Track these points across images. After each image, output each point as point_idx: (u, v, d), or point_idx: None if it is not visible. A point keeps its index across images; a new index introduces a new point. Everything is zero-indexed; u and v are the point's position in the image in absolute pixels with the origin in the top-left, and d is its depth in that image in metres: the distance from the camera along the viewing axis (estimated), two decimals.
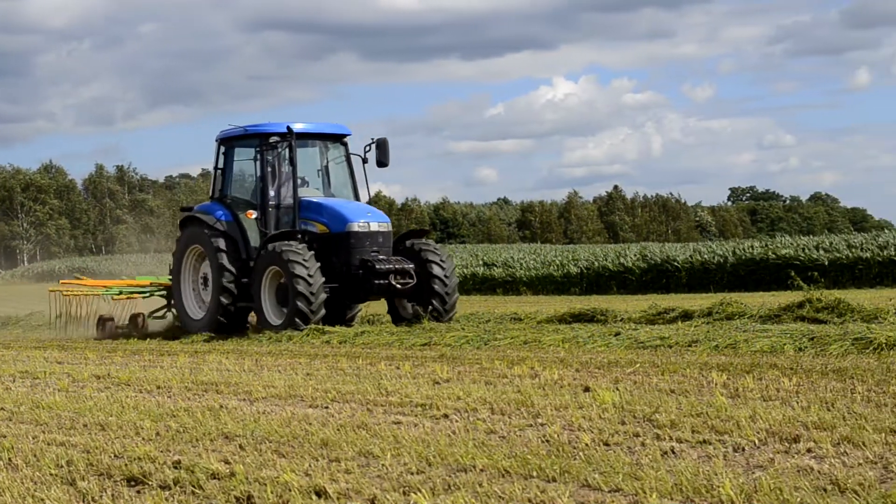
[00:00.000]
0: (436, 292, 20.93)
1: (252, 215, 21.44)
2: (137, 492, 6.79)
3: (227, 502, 6.41)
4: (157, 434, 8.71)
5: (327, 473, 6.83)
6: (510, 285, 48.65)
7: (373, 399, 10.21)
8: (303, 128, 21.82)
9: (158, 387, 12.22)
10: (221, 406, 10.21)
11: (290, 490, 6.43)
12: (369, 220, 21.25)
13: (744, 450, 7.05)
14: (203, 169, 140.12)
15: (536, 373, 11.68)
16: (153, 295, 24.54)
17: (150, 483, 6.92)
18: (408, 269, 20.93)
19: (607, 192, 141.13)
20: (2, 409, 10.91)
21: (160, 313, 24.19)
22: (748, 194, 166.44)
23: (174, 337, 21.86)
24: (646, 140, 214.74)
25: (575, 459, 6.90)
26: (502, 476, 6.57)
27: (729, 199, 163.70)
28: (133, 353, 18.06)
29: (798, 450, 6.92)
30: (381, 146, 22.10)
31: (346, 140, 22.57)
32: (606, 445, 7.39)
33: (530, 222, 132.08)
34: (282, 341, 18.99)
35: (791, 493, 5.77)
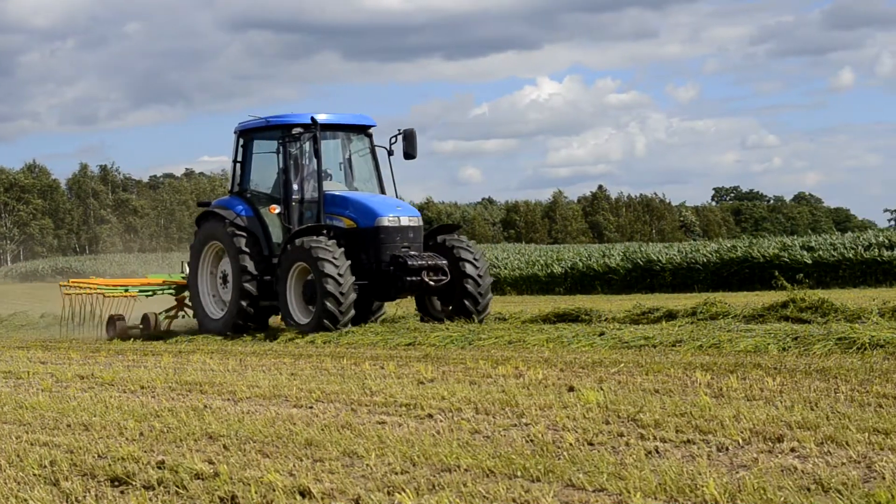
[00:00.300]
0: (468, 292, 20.17)
1: (275, 210, 20.64)
2: (121, 492, 6.78)
3: (210, 502, 6.40)
4: (141, 434, 8.69)
5: (311, 473, 6.82)
6: (494, 285, 48.26)
7: (357, 399, 10.20)
8: (326, 119, 21.03)
9: (142, 387, 12.20)
10: (205, 406, 10.19)
11: (274, 490, 6.42)
12: (399, 214, 20.42)
13: (727, 449, 7.06)
14: (187, 169, 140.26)
15: (521, 373, 11.69)
16: (165, 293, 23.82)
17: (133, 483, 6.91)
18: (441, 265, 20.10)
19: (592, 192, 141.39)
20: None
21: (172, 312, 23.51)
22: (732, 194, 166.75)
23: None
24: (630, 140, 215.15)
25: (559, 459, 6.90)
26: (487, 476, 6.57)
27: (713, 199, 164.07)
28: (117, 353, 18.02)
29: (782, 449, 6.94)
30: (409, 137, 21.33)
31: (370, 131, 21.78)
32: (591, 445, 7.40)
33: (515, 222, 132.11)
34: (264, 341, 18.97)
35: (775, 492, 5.78)
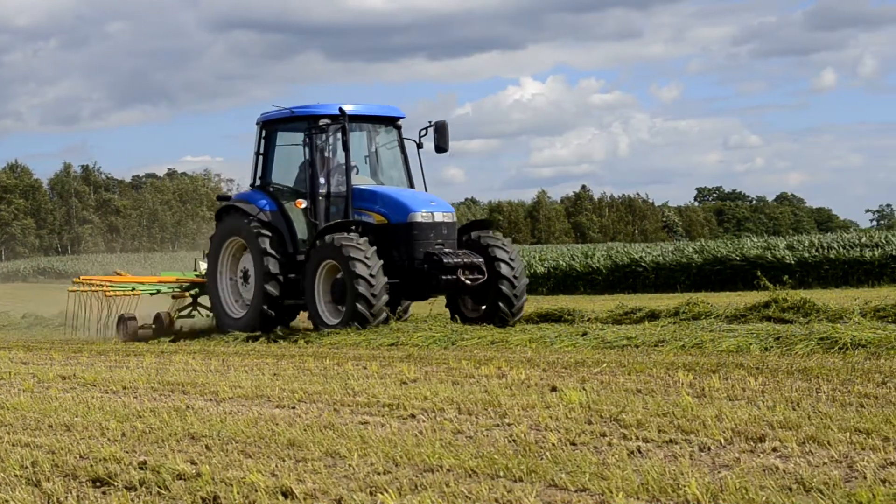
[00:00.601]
0: (503, 294, 19.45)
1: (301, 205, 19.85)
2: (103, 493, 6.76)
3: (193, 503, 6.38)
4: (123, 435, 8.67)
5: (294, 474, 6.81)
6: None
7: (340, 399, 10.19)
8: (353, 109, 20.23)
9: (124, 387, 12.16)
10: (188, 406, 10.17)
11: (256, 490, 6.41)
12: (433, 209, 19.61)
13: (710, 449, 7.07)
14: (169, 169, 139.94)
15: (503, 373, 11.69)
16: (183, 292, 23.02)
17: (115, 484, 6.89)
18: (477, 263, 19.33)
19: (575, 192, 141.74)
20: None
21: (186, 311, 22.92)
22: (715, 194, 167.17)
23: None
24: (613, 140, 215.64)
25: (542, 459, 6.91)
26: (469, 476, 6.57)
27: (695, 199, 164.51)
28: (99, 353, 17.96)
29: (763, 449, 6.95)
30: (441, 129, 20.53)
31: (399, 123, 21.08)
32: (573, 445, 7.40)
33: (498, 222, 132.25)
34: (248, 341, 18.94)
35: (756, 492, 5.79)
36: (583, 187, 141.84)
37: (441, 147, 20.57)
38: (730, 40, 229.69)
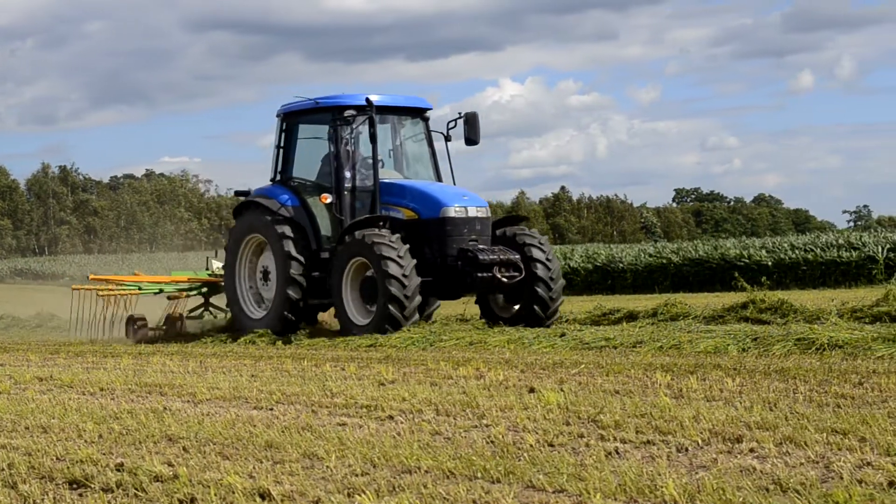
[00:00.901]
0: (538, 296, 18.62)
1: (327, 199, 18.99)
2: (80, 494, 6.73)
3: None
4: (100, 436, 8.64)
5: (272, 475, 6.80)
6: None
7: (318, 401, 10.18)
8: (379, 100, 19.31)
9: (102, 389, 12.13)
10: (165, 408, 10.15)
11: (234, 492, 6.39)
12: (466, 204, 18.75)
13: (687, 450, 7.09)
14: (147, 170, 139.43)
15: (482, 374, 11.69)
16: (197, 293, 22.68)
17: (92, 486, 6.86)
18: (514, 260, 18.45)
19: (553, 193, 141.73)
20: None
21: (196, 313, 22.48)
22: (693, 195, 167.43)
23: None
24: (591, 141, 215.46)
25: (519, 460, 6.91)
26: (447, 477, 6.57)
27: (674, 200, 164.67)
28: (76, 354, 17.91)
29: (741, 450, 6.97)
30: (471, 121, 19.76)
31: (427, 115, 20.23)
32: (551, 446, 7.41)
33: None
34: (226, 342, 18.90)
35: (734, 492, 5.80)
36: (561, 188, 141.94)
37: (472, 139, 19.79)
38: (708, 42, 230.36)
